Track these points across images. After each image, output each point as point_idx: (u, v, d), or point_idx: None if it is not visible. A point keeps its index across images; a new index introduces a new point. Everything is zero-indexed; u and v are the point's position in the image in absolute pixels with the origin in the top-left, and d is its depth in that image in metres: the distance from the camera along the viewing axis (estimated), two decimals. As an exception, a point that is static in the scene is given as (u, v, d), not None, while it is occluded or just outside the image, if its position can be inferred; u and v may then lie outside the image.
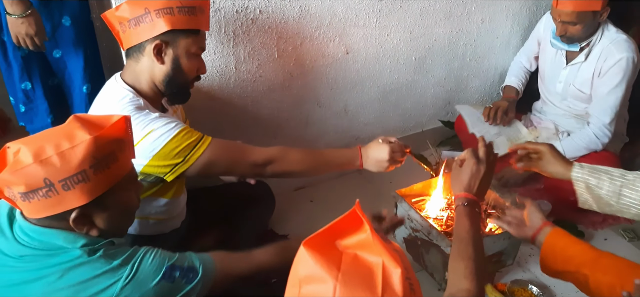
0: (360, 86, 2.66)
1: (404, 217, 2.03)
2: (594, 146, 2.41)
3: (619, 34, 2.34)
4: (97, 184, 1.15)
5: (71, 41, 2.07)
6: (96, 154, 1.14)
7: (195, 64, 1.67)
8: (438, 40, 2.77)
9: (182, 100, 1.74)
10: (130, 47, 1.61)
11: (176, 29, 1.58)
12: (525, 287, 2.08)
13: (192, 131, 1.61)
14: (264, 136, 2.51)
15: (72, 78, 2.15)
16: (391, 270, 0.77)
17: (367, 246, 0.81)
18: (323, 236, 0.82)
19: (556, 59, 2.51)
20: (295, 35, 2.35)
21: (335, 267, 0.77)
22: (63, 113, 2.23)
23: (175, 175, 1.59)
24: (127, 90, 1.62)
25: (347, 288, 0.75)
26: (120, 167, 1.21)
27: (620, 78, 2.30)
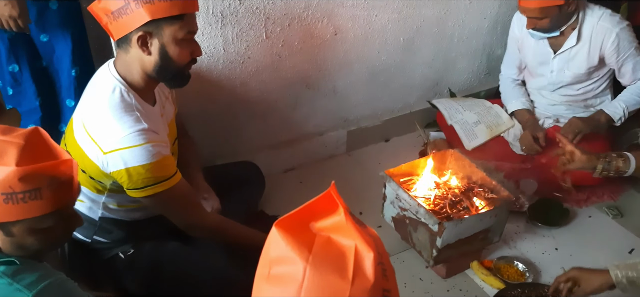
0: (348, 67, 2.67)
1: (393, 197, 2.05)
2: None
3: (602, 10, 2.34)
4: (2, 213, 1.09)
5: (58, 25, 2.05)
6: (14, 185, 1.07)
7: (187, 49, 1.59)
8: (426, 21, 2.77)
9: (181, 84, 1.68)
10: (119, 39, 1.57)
11: (159, 17, 1.50)
12: (511, 263, 2.11)
13: (167, 166, 1.60)
14: (253, 118, 2.52)
15: (61, 61, 2.13)
16: (364, 254, 0.76)
17: (341, 229, 0.79)
18: (296, 216, 0.81)
19: (542, 50, 2.47)
20: (284, 16, 2.34)
21: (307, 250, 0.76)
22: (51, 96, 2.22)
23: (130, 194, 1.59)
24: (119, 83, 1.58)
25: (317, 271, 0.74)
26: (44, 205, 1.12)
27: (629, 42, 2.32)
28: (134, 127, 1.53)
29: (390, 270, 0.81)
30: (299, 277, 0.73)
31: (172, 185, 1.61)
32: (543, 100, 2.61)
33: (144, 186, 1.57)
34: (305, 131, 2.72)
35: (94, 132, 1.55)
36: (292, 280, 0.74)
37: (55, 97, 2.25)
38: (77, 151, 1.60)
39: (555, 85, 2.51)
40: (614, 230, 2.35)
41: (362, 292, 0.74)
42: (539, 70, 2.54)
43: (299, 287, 0.73)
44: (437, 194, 2.08)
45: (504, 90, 2.75)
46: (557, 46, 2.42)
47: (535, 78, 2.59)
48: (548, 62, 2.47)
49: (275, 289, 0.75)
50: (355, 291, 0.73)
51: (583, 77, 2.44)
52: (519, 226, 2.31)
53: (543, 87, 2.57)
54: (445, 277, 2.06)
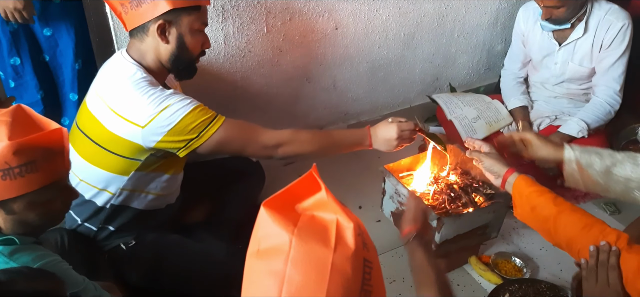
0: (349, 62, 2.66)
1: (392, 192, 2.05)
2: (607, 115, 2.41)
3: (610, 4, 2.34)
4: (2, 190, 1.10)
5: (61, 19, 2.04)
6: (10, 160, 1.08)
7: (200, 40, 1.66)
8: (426, 16, 2.76)
9: (189, 76, 1.74)
10: (134, 28, 1.60)
11: (178, 8, 1.57)
12: (508, 259, 2.11)
13: (206, 109, 1.62)
14: (253, 112, 2.51)
15: (64, 55, 2.12)
16: (345, 225, 0.81)
17: (323, 205, 0.84)
18: (282, 197, 0.86)
19: (547, 43, 2.47)
20: (285, 11, 2.33)
21: (292, 224, 0.80)
22: (53, 89, 2.22)
23: (188, 150, 1.60)
24: (136, 67, 1.62)
25: (302, 242, 0.78)
26: (40, 177, 1.13)
27: (625, 45, 2.31)
28: (164, 93, 1.58)
29: (370, 244, 0.86)
30: (285, 249, 0.78)
31: (222, 119, 1.64)
32: (545, 93, 2.61)
33: (198, 133, 1.59)
34: (306, 125, 2.72)
35: (127, 111, 1.57)
36: (279, 252, 0.78)
37: (57, 91, 2.24)
38: (106, 134, 1.62)
39: (558, 77, 2.51)
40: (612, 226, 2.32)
41: (344, 259, 0.78)
42: (543, 62, 2.54)
43: (286, 258, 0.77)
44: (436, 190, 2.07)
45: (505, 86, 2.74)
46: (562, 39, 2.42)
47: (539, 71, 2.59)
48: (553, 54, 2.47)
49: (264, 262, 0.79)
50: (338, 258, 0.78)
51: (586, 72, 2.43)
52: (516, 221, 2.30)
53: (546, 80, 2.57)
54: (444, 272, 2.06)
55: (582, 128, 2.37)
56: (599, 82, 2.42)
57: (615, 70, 2.36)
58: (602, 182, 1.62)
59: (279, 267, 0.77)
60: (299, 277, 0.76)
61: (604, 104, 2.40)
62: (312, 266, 0.77)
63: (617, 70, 2.36)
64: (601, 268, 1.28)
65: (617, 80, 2.37)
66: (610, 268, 1.26)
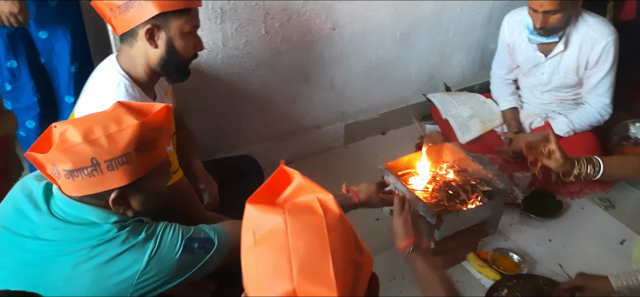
0: (346, 62, 2.63)
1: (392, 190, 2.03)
2: (597, 123, 2.42)
3: (594, 18, 2.30)
4: (138, 167, 1.17)
5: (57, 21, 2.00)
6: (141, 138, 1.16)
7: (191, 43, 1.59)
8: (422, 16, 2.74)
9: (182, 79, 1.67)
10: (123, 33, 1.55)
11: (167, 11, 1.50)
12: (506, 255, 2.10)
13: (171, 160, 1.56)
14: (252, 112, 2.48)
15: (60, 58, 2.09)
16: (325, 197, 0.86)
17: (301, 190, 0.89)
18: (262, 193, 0.89)
19: (532, 55, 2.43)
20: (283, 12, 2.30)
21: (280, 209, 0.84)
22: (49, 92, 2.18)
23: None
24: (123, 77, 1.56)
25: (294, 217, 0.82)
26: (158, 153, 1.23)
27: (611, 61, 2.29)
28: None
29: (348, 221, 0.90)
30: (282, 227, 0.81)
31: (173, 181, 1.59)
32: (535, 99, 2.59)
33: None
34: (304, 125, 2.69)
35: None
36: (277, 231, 0.81)
37: (54, 94, 2.20)
38: None
39: (546, 86, 2.49)
40: (606, 221, 2.34)
41: (334, 220, 0.83)
42: (531, 72, 2.51)
43: (285, 233, 0.80)
44: (435, 187, 2.05)
45: (495, 88, 2.73)
46: (547, 51, 2.38)
47: (527, 78, 2.56)
48: (539, 65, 2.44)
49: (265, 246, 0.81)
50: (329, 221, 0.82)
51: (573, 83, 2.41)
52: (513, 217, 2.29)
53: (534, 87, 2.55)
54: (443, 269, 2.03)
55: (569, 129, 2.40)
56: (589, 95, 2.41)
57: (603, 86, 2.35)
58: None
59: (281, 242, 0.80)
60: (302, 244, 0.79)
61: (595, 113, 2.41)
62: (310, 231, 0.81)
63: (605, 85, 2.35)
64: None
65: (606, 94, 2.37)
66: None
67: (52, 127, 1.17)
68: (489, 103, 2.70)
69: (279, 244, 0.80)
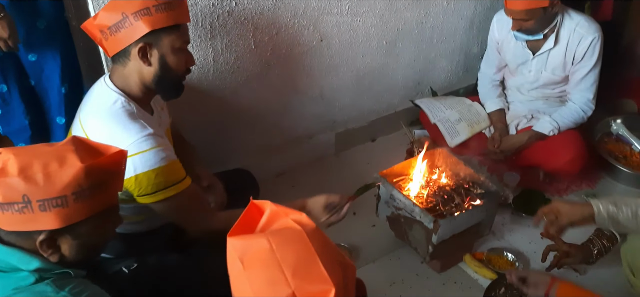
0: (334, 72, 2.63)
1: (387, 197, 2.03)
2: (581, 120, 2.45)
3: (581, 16, 2.35)
4: (74, 212, 1.09)
5: (46, 44, 1.96)
6: (82, 182, 1.08)
7: (183, 58, 1.59)
8: (407, 24, 2.75)
9: (176, 95, 1.66)
10: (116, 53, 1.53)
11: (157, 29, 1.50)
12: (501, 254, 2.11)
13: (176, 170, 1.56)
14: (244, 125, 2.47)
15: (50, 80, 2.04)
16: (299, 216, 0.91)
17: (275, 216, 0.93)
18: (240, 224, 0.93)
19: (521, 52, 2.47)
20: (271, 26, 2.29)
21: (261, 233, 0.89)
22: (40, 114, 2.13)
23: (142, 200, 1.54)
24: (118, 94, 1.54)
25: (276, 235, 0.87)
26: (103, 199, 1.14)
27: (596, 57, 2.33)
28: (141, 133, 1.49)
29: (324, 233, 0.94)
30: (266, 246, 0.84)
31: (183, 189, 1.57)
32: (521, 97, 2.62)
33: (154, 191, 1.52)
34: (295, 135, 2.68)
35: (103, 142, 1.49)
36: (263, 251, 0.84)
37: (45, 116, 2.16)
38: None
39: (533, 84, 2.51)
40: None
41: (312, 230, 0.89)
42: (518, 70, 2.54)
43: (270, 250, 0.84)
44: (430, 192, 2.05)
45: (482, 89, 2.75)
46: (535, 48, 2.41)
47: (514, 76, 2.59)
48: (527, 63, 2.47)
49: (255, 267, 0.85)
50: (308, 230, 0.88)
51: (559, 79, 2.45)
52: (505, 217, 2.31)
53: (521, 85, 2.57)
54: (440, 272, 2.05)
55: (553, 128, 2.42)
56: (573, 91, 2.45)
57: (588, 81, 2.39)
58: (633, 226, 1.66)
59: (270, 258, 0.84)
60: (289, 253, 0.84)
61: (578, 110, 2.44)
62: (293, 242, 0.86)
63: (589, 80, 2.39)
64: None
65: (590, 89, 2.41)
66: None
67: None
68: (476, 106, 2.72)
69: (268, 260, 0.84)
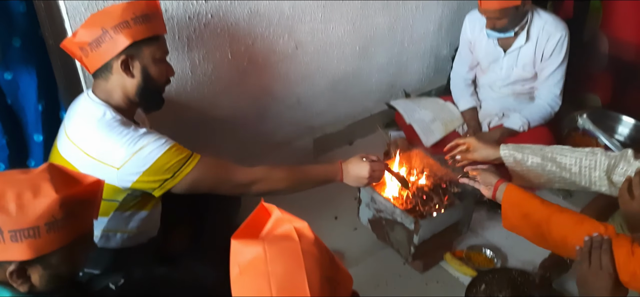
0: (310, 78, 2.65)
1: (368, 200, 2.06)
2: (549, 116, 2.53)
3: (549, 15, 2.44)
4: (47, 243, 1.06)
5: (22, 62, 1.92)
6: (56, 213, 1.05)
7: (163, 69, 1.63)
8: (378, 29, 2.80)
9: (157, 107, 1.70)
10: (98, 69, 1.54)
11: (138, 40, 1.52)
12: (480, 251, 2.16)
13: (181, 148, 1.57)
14: (223, 134, 2.46)
15: (26, 97, 2.00)
16: (300, 225, 0.94)
17: (280, 222, 0.96)
18: (245, 228, 0.96)
19: (493, 50, 2.54)
20: (247, 36, 2.30)
21: (261, 240, 0.92)
22: (17, 132, 2.09)
23: (163, 190, 1.55)
24: (104, 107, 1.55)
25: (272, 245, 0.90)
26: (76, 228, 1.11)
27: (563, 55, 2.42)
28: (138, 132, 1.53)
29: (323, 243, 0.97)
30: (261, 255, 0.88)
31: (198, 159, 1.60)
32: (493, 94, 2.69)
33: (173, 173, 1.54)
34: (274, 142, 2.69)
35: (101, 154, 1.51)
36: (257, 260, 0.88)
37: (22, 133, 2.12)
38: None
39: (504, 81, 2.58)
40: (565, 208, 2.43)
41: (309, 245, 0.91)
42: (490, 67, 2.61)
43: (264, 260, 0.88)
44: (409, 195, 2.09)
45: (455, 89, 2.80)
46: (506, 46, 2.49)
47: (486, 74, 2.66)
48: (498, 60, 2.54)
49: (248, 275, 0.89)
50: (305, 245, 0.90)
51: (529, 76, 2.52)
52: (481, 214, 2.36)
53: (493, 82, 2.64)
54: (422, 272, 2.08)
55: (523, 123, 2.48)
56: (541, 87, 2.53)
57: (555, 77, 2.48)
58: (542, 174, 1.76)
59: (261, 270, 0.87)
60: (280, 269, 0.87)
61: (546, 106, 2.52)
62: (287, 257, 0.88)
63: (556, 76, 2.48)
64: (595, 253, 1.35)
65: (557, 85, 2.50)
66: (603, 253, 1.33)
67: None
68: (448, 105, 2.78)
69: (260, 271, 0.87)
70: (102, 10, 1.54)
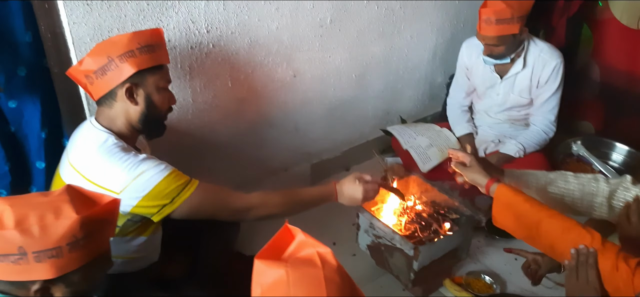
0: (308, 105, 2.69)
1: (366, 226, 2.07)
2: (544, 142, 2.57)
3: (545, 43, 2.49)
4: (69, 262, 1.11)
5: (27, 91, 1.94)
6: (77, 233, 1.10)
7: (166, 97, 1.66)
8: (374, 58, 2.84)
9: (159, 134, 1.73)
10: (102, 96, 1.57)
11: (143, 69, 1.56)
12: (479, 277, 2.17)
13: (180, 174, 1.59)
14: (223, 160, 2.48)
15: (30, 125, 2.02)
16: (324, 251, 0.94)
17: (303, 245, 0.96)
18: (268, 249, 0.96)
19: (489, 76, 2.59)
20: (247, 64, 2.34)
21: (284, 262, 0.92)
22: (20, 159, 2.10)
23: (162, 216, 1.56)
24: (107, 134, 1.58)
25: (295, 270, 0.90)
26: (96, 247, 1.16)
27: (559, 82, 2.47)
28: (138, 158, 1.55)
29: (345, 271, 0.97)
30: (284, 278, 0.88)
31: (196, 184, 1.62)
32: (489, 120, 2.73)
33: (171, 199, 1.56)
34: (272, 168, 2.71)
35: (101, 179, 1.53)
36: (279, 283, 0.89)
37: (25, 160, 2.13)
38: None
39: (501, 106, 2.63)
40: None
41: (332, 272, 0.91)
42: (486, 93, 2.65)
43: (286, 284, 0.88)
44: (407, 220, 2.11)
45: (451, 114, 2.84)
46: (503, 72, 2.54)
47: (482, 100, 2.70)
48: (495, 86, 2.58)
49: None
50: (327, 272, 0.90)
51: (526, 102, 2.57)
52: (480, 240, 2.38)
53: (490, 108, 2.68)
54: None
55: (519, 149, 2.52)
56: (536, 113, 2.57)
57: (550, 103, 2.52)
58: (541, 197, 1.72)
59: (283, 293, 0.88)
60: (302, 294, 0.87)
61: (541, 132, 2.56)
62: (309, 283, 0.88)
63: (552, 103, 2.52)
64: (581, 268, 1.36)
65: (552, 111, 2.54)
66: (588, 267, 1.35)
67: None
68: (445, 132, 2.81)
69: (281, 294, 0.88)
70: (108, 39, 1.58)
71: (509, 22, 2.28)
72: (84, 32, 1.84)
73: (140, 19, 1.94)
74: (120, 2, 1.87)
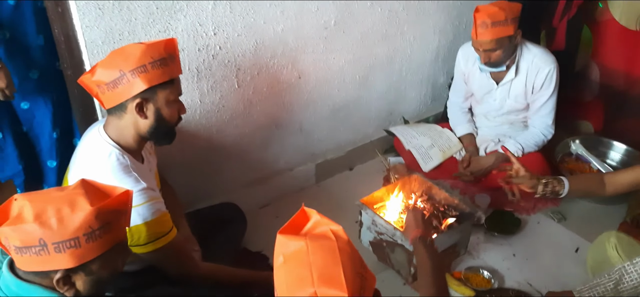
0: (312, 106, 2.73)
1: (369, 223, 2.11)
2: (542, 143, 2.61)
3: (538, 48, 2.52)
4: (87, 252, 1.17)
5: (39, 93, 2.00)
6: (93, 224, 1.15)
7: (176, 109, 1.66)
8: (378, 59, 2.88)
9: (169, 142, 1.73)
10: (112, 107, 1.59)
11: (154, 85, 1.55)
12: (477, 272, 2.20)
13: (165, 222, 1.62)
14: (229, 161, 2.53)
15: (41, 126, 2.08)
16: (336, 228, 1.07)
17: (318, 224, 1.09)
18: (289, 226, 1.09)
19: (486, 83, 2.62)
20: (253, 66, 2.38)
21: (303, 236, 1.04)
22: (33, 158, 2.16)
23: (133, 250, 1.59)
24: (112, 147, 1.59)
25: (313, 241, 1.02)
26: (112, 237, 1.21)
27: (554, 86, 2.50)
28: (136, 188, 1.54)
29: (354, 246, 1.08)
30: (304, 248, 1.01)
31: (170, 240, 1.63)
32: (488, 123, 2.76)
33: (146, 242, 1.58)
34: (277, 168, 2.76)
35: None
36: (300, 252, 1.00)
37: (37, 160, 2.19)
38: None
39: (498, 111, 2.66)
40: (560, 232, 2.49)
41: (344, 244, 1.03)
42: (484, 99, 2.68)
43: (306, 252, 1.00)
44: (409, 216, 2.15)
45: (452, 116, 2.88)
46: (499, 79, 2.57)
47: (481, 105, 2.73)
48: (492, 92, 2.62)
49: (292, 263, 1.01)
50: (340, 244, 1.02)
51: (522, 107, 2.60)
52: (479, 237, 2.41)
53: (488, 112, 2.72)
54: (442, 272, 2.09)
55: (517, 149, 2.56)
56: (534, 117, 2.61)
57: (546, 108, 2.56)
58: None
59: (304, 259, 0.99)
60: (319, 259, 0.99)
61: (539, 134, 2.60)
62: (325, 251, 1.00)
63: (548, 107, 2.56)
64: None
65: (549, 115, 2.58)
66: None
67: (13, 199, 1.17)
68: (446, 132, 2.85)
69: (302, 261, 1.00)
70: (122, 49, 1.57)
71: (504, 24, 2.31)
72: (96, 35, 1.89)
73: (149, 22, 1.98)
74: (130, 6, 1.92)
